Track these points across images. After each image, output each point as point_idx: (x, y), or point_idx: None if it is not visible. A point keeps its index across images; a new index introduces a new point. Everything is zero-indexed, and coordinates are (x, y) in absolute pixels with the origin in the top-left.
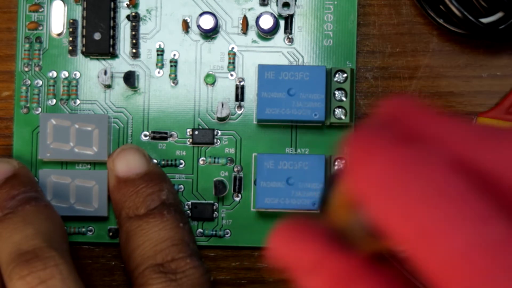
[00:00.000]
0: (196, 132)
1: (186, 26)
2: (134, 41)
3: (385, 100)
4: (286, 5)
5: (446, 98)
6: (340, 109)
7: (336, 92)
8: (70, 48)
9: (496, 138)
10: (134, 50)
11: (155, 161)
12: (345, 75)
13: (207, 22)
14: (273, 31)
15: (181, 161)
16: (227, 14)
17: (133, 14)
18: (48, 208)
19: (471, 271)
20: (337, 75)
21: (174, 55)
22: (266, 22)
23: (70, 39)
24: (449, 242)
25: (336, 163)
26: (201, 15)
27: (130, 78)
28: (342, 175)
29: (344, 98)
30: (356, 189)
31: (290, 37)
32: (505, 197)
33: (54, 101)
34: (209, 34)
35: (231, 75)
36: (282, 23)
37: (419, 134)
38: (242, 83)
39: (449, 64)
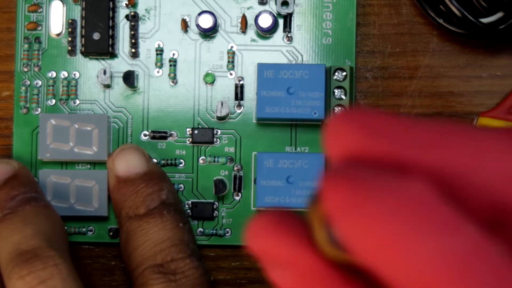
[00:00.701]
0: (196, 131)
1: (185, 26)
2: (133, 40)
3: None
4: (285, 3)
5: (446, 98)
6: (339, 108)
7: (336, 91)
8: (69, 48)
9: (469, 140)
10: (133, 50)
11: (155, 160)
12: (344, 73)
13: (206, 21)
14: (272, 29)
15: (181, 160)
16: (226, 13)
17: (132, 13)
18: (47, 208)
19: (436, 284)
20: (336, 74)
21: (173, 54)
22: (265, 21)
23: (69, 39)
24: (411, 254)
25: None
26: (200, 14)
27: (129, 78)
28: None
29: (343, 97)
30: (325, 208)
31: (289, 35)
32: (476, 202)
33: (54, 101)
34: (208, 33)
35: (231, 74)
36: (281, 21)
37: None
38: (241, 82)
39: (449, 64)
